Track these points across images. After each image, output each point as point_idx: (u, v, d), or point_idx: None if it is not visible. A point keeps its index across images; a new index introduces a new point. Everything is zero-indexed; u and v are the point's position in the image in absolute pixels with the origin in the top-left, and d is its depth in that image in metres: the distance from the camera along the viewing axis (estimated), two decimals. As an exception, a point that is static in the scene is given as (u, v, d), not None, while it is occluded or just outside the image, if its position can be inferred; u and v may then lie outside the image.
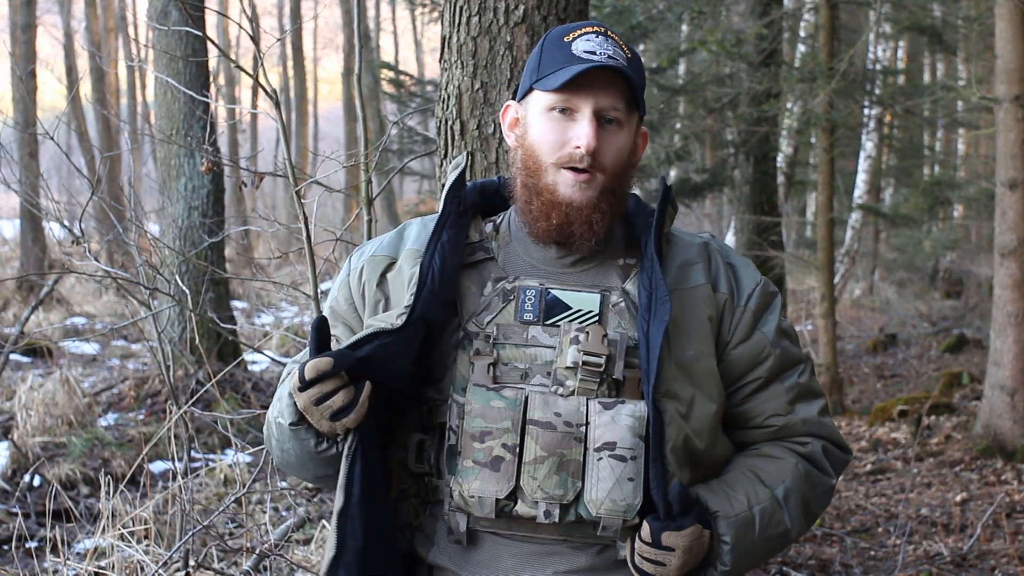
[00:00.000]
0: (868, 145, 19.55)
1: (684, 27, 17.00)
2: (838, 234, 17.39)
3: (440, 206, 2.46)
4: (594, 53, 2.33)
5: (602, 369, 2.31)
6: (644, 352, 2.30)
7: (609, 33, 2.39)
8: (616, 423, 2.28)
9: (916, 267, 21.38)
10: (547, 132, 2.36)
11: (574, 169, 2.34)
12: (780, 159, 16.59)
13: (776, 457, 2.46)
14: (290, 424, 2.33)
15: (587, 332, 2.33)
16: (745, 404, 2.48)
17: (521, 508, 2.29)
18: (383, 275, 2.48)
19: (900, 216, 17.86)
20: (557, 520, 2.29)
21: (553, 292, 2.39)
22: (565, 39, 2.37)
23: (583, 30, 2.38)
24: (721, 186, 15.56)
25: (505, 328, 2.37)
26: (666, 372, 2.31)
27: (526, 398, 2.30)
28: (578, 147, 2.32)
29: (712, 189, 15.76)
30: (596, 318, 2.37)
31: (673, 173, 17.73)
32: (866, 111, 16.53)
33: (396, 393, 2.40)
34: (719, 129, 16.02)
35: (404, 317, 2.32)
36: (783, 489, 2.41)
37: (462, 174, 2.49)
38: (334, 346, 2.48)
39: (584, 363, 2.30)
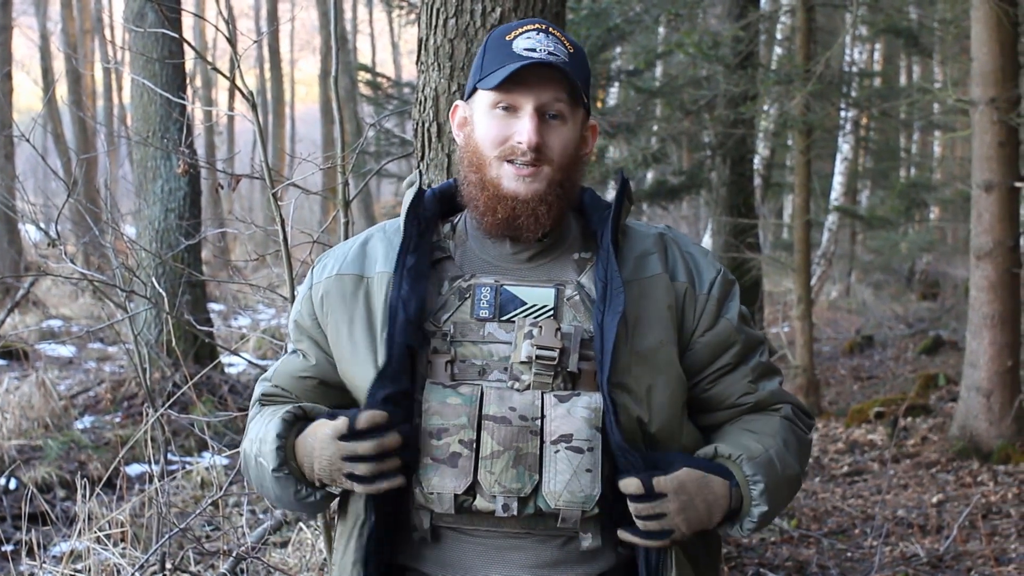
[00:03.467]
0: (844, 147, 19.62)
1: (661, 29, 17.02)
2: (815, 236, 17.41)
3: (402, 230, 2.47)
4: (534, 51, 2.36)
5: (556, 362, 2.33)
6: (599, 343, 2.32)
7: (551, 30, 2.42)
8: (572, 415, 2.31)
9: (892, 269, 21.46)
10: (490, 128, 2.39)
11: (516, 163, 2.37)
12: (757, 161, 16.63)
13: (761, 419, 2.51)
14: (272, 470, 2.36)
15: (540, 326, 2.35)
16: (713, 388, 2.50)
17: (480, 503, 2.32)
18: (353, 295, 2.48)
19: (876, 218, 17.91)
20: (516, 513, 2.31)
21: (508, 288, 2.41)
22: (507, 38, 2.40)
23: (524, 28, 2.41)
24: (698, 188, 15.58)
25: (462, 326, 2.39)
26: (620, 363, 2.33)
27: (481, 394, 2.33)
28: (520, 142, 2.35)
29: (689, 191, 15.78)
30: (551, 312, 2.39)
31: (650, 175, 17.76)
32: (842, 113, 16.59)
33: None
34: (696, 131, 16.04)
35: (384, 356, 2.34)
36: (781, 438, 2.46)
37: (418, 194, 2.52)
38: (300, 360, 2.56)
39: (538, 357, 2.33)
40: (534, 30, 2.40)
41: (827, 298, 22.30)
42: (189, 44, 5.51)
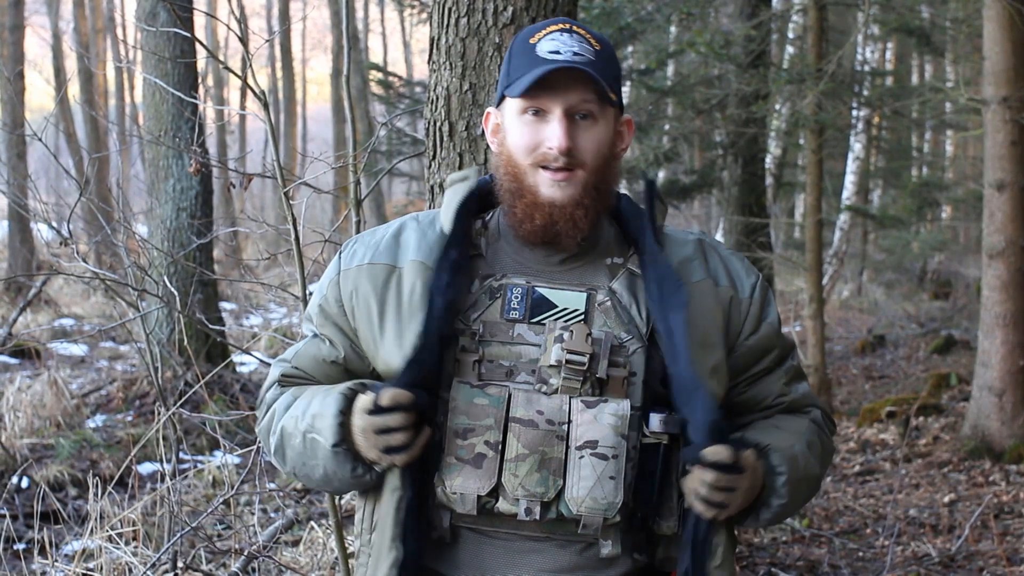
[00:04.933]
0: (856, 146, 19.58)
1: (673, 29, 17.03)
2: (826, 235, 17.40)
3: (449, 224, 2.44)
4: (558, 52, 2.33)
5: (585, 368, 2.31)
6: (668, 343, 2.31)
7: (575, 28, 2.39)
8: (598, 422, 2.29)
9: (904, 268, 21.42)
10: (521, 135, 2.37)
11: (550, 168, 2.35)
12: (768, 160, 16.61)
13: (790, 419, 2.53)
14: (332, 445, 2.34)
15: (571, 331, 2.33)
16: (750, 390, 2.53)
17: (502, 505, 2.31)
18: (385, 284, 2.45)
19: (888, 217, 17.88)
20: (538, 517, 2.30)
21: (539, 290, 2.39)
22: (531, 41, 2.38)
23: (548, 29, 2.39)
24: (710, 187, 15.58)
25: (491, 326, 2.37)
26: (693, 354, 2.31)
27: (509, 395, 2.31)
28: (551, 148, 2.33)
29: (701, 190, 15.77)
30: (581, 317, 2.37)
31: (662, 174, 17.76)
32: (854, 112, 16.56)
33: None
34: (708, 130, 16.04)
35: (418, 341, 2.31)
36: (806, 439, 2.47)
37: (473, 191, 2.49)
38: (326, 346, 2.52)
39: (568, 361, 2.31)
40: (558, 31, 2.38)
41: (839, 297, 22.28)
42: (201, 43, 5.52)
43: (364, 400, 2.29)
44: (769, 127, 15.19)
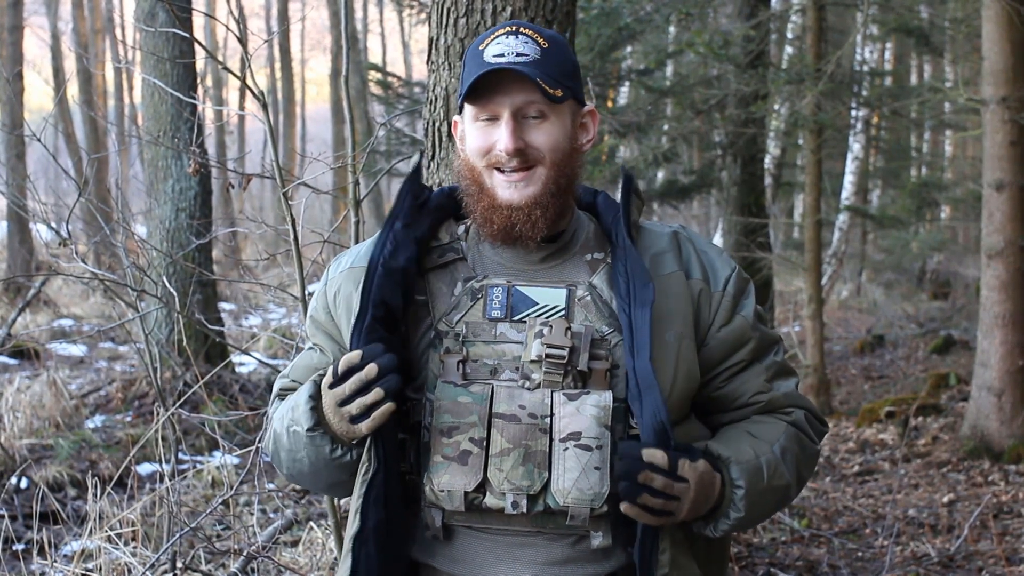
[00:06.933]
0: (855, 147, 19.58)
1: (672, 29, 17.02)
2: (825, 235, 17.39)
3: (395, 199, 2.52)
4: (502, 56, 2.37)
5: (565, 361, 2.34)
6: (628, 337, 2.32)
7: (522, 30, 2.42)
8: (581, 413, 2.32)
9: (903, 268, 21.41)
10: (476, 139, 2.42)
11: (505, 170, 2.40)
12: (768, 160, 16.60)
13: (766, 423, 2.51)
14: (307, 430, 2.39)
15: (551, 325, 2.36)
16: (727, 386, 2.52)
17: (489, 500, 2.33)
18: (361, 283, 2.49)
19: (887, 217, 17.90)
20: (525, 511, 2.32)
21: (520, 289, 2.43)
22: (480, 47, 2.42)
23: (495, 34, 2.42)
24: (709, 188, 15.57)
25: (474, 326, 2.41)
26: (655, 351, 2.33)
27: (492, 392, 2.34)
28: (500, 151, 2.38)
29: (700, 191, 15.76)
30: (562, 312, 2.40)
31: (661, 174, 17.76)
32: (853, 113, 16.56)
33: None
34: (707, 131, 16.02)
35: (359, 299, 2.38)
36: (779, 446, 2.46)
37: (417, 169, 2.56)
38: (317, 355, 2.60)
39: (548, 356, 2.34)
40: (504, 34, 2.41)
41: (838, 297, 22.28)
42: (200, 44, 5.52)
43: (326, 377, 2.34)
44: (768, 127, 15.19)
